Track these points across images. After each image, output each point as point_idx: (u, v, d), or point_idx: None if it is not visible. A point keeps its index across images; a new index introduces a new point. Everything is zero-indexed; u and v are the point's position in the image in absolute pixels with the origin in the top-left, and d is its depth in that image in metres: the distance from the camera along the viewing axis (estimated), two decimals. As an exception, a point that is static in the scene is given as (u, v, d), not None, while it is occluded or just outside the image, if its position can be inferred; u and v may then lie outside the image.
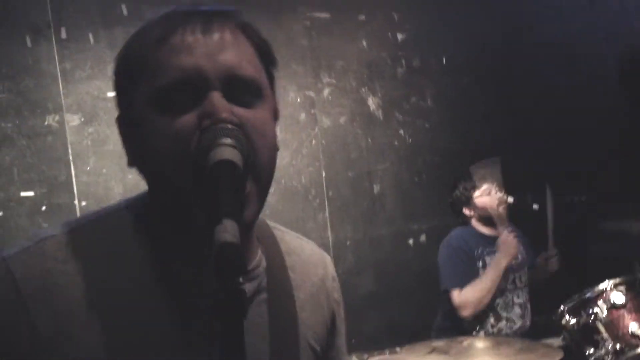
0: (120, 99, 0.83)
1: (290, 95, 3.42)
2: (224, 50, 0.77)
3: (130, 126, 0.80)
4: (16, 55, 2.80)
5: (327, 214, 3.49)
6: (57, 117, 2.89)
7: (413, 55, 3.78)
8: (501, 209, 3.11)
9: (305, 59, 3.46)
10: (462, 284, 2.91)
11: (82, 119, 2.94)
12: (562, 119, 3.91)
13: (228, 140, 0.70)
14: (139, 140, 0.79)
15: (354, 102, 3.61)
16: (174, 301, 0.79)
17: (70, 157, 2.90)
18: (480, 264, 3.02)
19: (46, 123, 2.87)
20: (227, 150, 0.69)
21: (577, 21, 4.12)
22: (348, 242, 3.54)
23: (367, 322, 3.50)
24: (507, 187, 3.19)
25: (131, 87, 0.79)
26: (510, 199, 3.12)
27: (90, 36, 2.95)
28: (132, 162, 0.82)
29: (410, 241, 3.72)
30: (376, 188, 3.66)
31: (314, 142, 3.48)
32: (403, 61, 3.76)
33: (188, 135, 0.73)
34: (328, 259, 1.02)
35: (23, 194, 2.80)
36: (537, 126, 3.95)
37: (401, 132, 3.73)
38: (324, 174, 3.50)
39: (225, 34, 0.78)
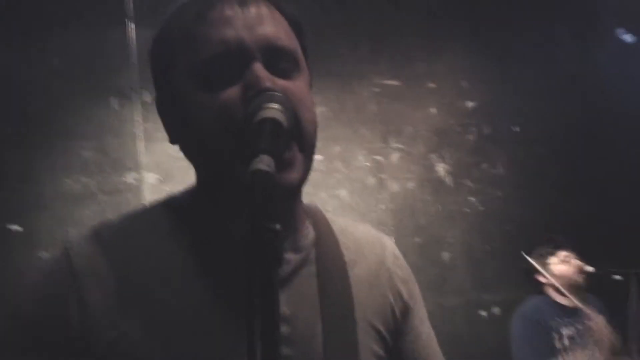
0: (159, 79, 0.84)
1: (358, 159, 3.46)
2: (262, 22, 0.78)
3: (172, 104, 0.82)
4: (102, 116, 3.01)
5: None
6: (136, 175, 3.04)
7: (483, 123, 3.77)
8: (579, 278, 2.96)
9: (374, 124, 3.52)
10: (536, 358, 2.75)
11: (160, 178, 3.08)
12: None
13: (274, 105, 0.71)
14: (181, 116, 0.80)
15: (423, 168, 3.61)
16: (212, 287, 0.79)
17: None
18: (556, 335, 2.84)
19: (126, 180, 3.02)
20: (272, 111, 0.70)
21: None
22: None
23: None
24: (585, 256, 3.04)
25: (171, 64, 0.80)
26: (590, 268, 2.97)
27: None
28: (174, 140, 0.84)
29: (483, 313, 3.56)
30: (446, 256, 3.57)
31: (382, 206, 3.47)
32: (473, 129, 3.75)
33: (234, 106, 0.74)
34: (386, 239, 0.98)
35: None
36: (615, 198, 3.79)
37: (472, 199, 3.67)
38: (393, 240, 3.45)
39: (261, 8, 0.80)
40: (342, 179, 3.42)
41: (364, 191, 3.45)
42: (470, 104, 3.76)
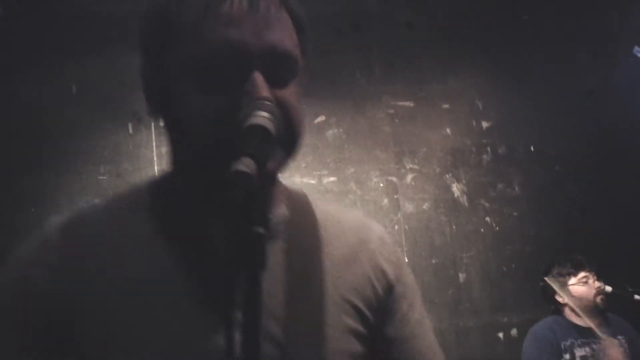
0: (149, 49, 0.83)
1: (373, 180, 3.46)
2: (269, 26, 0.77)
3: (160, 84, 0.81)
4: (118, 141, 3.04)
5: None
6: (151, 199, 3.06)
7: (499, 143, 3.75)
8: (599, 299, 2.91)
9: (388, 145, 3.52)
10: None
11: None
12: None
13: (264, 113, 0.70)
14: (172, 106, 0.80)
15: (438, 188, 3.59)
16: (185, 273, 0.80)
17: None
18: (568, 356, 2.80)
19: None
20: (261, 118, 0.70)
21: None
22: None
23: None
24: (604, 276, 3.00)
25: (168, 44, 0.79)
26: (609, 288, 2.92)
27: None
28: (153, 114, 0.84)
29: (500, 335, 3.52)
30: (462, 277, 3.54)
31: (397, 227, 3.46)
32: (488, 148, 3.73)
33: (227, 115, 0.74)
34: (375, 225, 0.96)
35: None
36: (633, 216, 3.73)
37: (487, 219, 3.64)
38: (406, 260, 3.44)
39: (270, 8, 0.78)
40: (357, 200, 3.42)
41: (379, 212, 3.44)
42: (485, 124, 3.75)
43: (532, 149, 3.80)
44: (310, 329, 0.82)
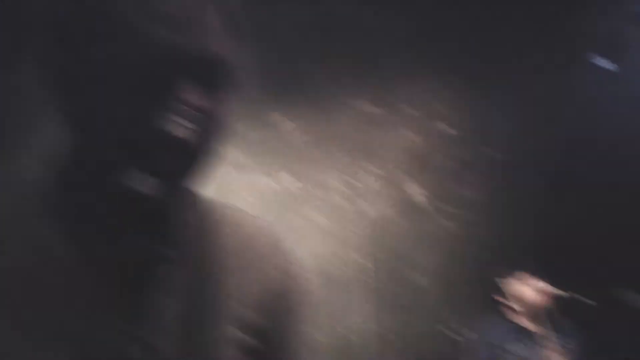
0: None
1: (336, 184, 3.50)
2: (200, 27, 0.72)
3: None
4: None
5: (373, 307, 3.44)
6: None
7: (462, 148, 3.81)
8: (547, 302, 2.97)
9: (352, 149, 3.56)
10: None
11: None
12: None
13: (186, 122, 0.68)
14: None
15: (400, 192, 3.64)
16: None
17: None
18: (509, 358, 2.88)
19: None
20: (182, 130, 0.67)
21: None
22: (394, 337, 3.45)
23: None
24: (558, 281, 3.06)
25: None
26: (559, 292, 2.98)
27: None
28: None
29: (458, 338, 3.58)
30: (424, 280, 3.59)
31: (359, 232, 3.50)
32: (452, 153, 3.79)
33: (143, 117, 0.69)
34: (281, 241, 0.94)
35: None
36: (587, 222, 3.82)
37: (448, 224, 3.70)
38: (372, 266, 3.48)
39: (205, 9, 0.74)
40: (320, 205, 3.45)
41: (341, 217, 3.48)
42: (449, 130, 3.80)
43: (496, 155, 3.86)
44: (200, 341, 0.81)
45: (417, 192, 3.68)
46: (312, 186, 3.46)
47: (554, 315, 2.98)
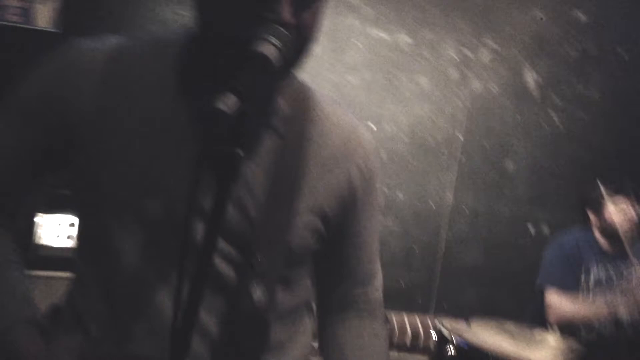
0: None
1: (447, 50, 3.40)
2: None
3: None
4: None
5: (453, 177, 3.47)
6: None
7: (591, 41, 3.56)
8: (633, 226, 2.86)
9: (471, 16, 3.41)
10: (559, 287, 2.80)
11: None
12: None
13: (275, 40, 0.74)
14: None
15: (512, 74, 3.51)
16: (190, 129, 0.88)
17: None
18: (584, 274, 2.85)
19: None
20: (267, 47, 0.73)
21: None
22: (467, 211, 3.51)
23: (462, 292, 3.48)
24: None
25: None
26: None
27: None
28: None
29: (530, 227, 3.59)
30: (510, 165, 3.56)
31: (459, 103, 3.45)
32: (578, 45, 3.56)
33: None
34: (366, 136, 1.02)
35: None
36: None
37: (554, 117, 3.57)
38: (462, 138, 3.47)
39: None
40: (426, 66, 3.40)
41: (446, 83, 3.43)
42: (582, 17, 3.54)
43: (622, 52, 3.59)
44: (279, 213, 0.91)
45: (530, 77, 3.53)
46: (425, 47, 3.39)
47: (636, 238, 2.88)
